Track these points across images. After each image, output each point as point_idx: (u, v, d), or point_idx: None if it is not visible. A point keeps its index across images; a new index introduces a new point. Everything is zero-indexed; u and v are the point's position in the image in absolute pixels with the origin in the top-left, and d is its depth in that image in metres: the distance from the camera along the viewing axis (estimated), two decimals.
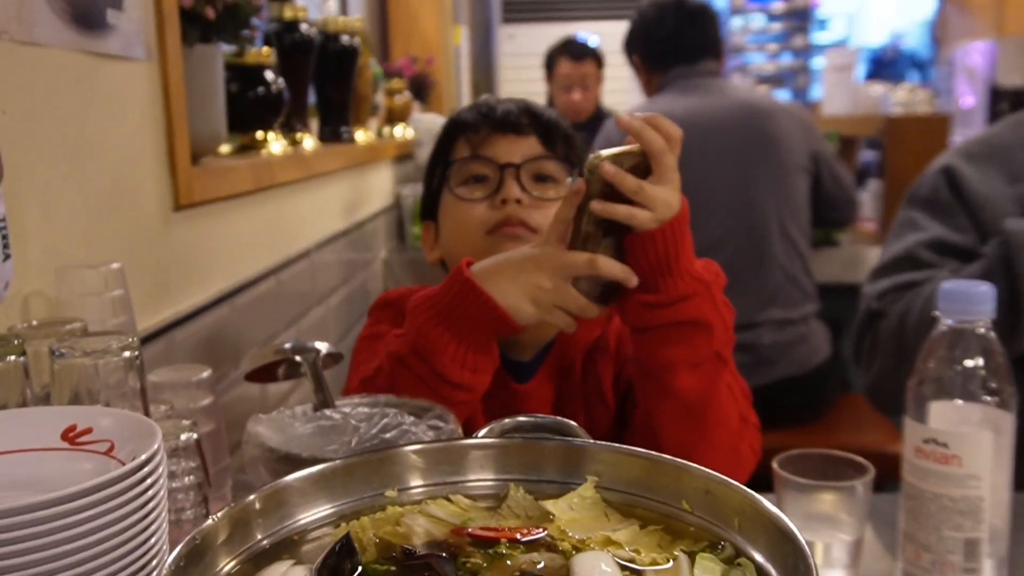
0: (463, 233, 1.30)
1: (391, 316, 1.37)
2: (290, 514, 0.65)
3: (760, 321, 2.32)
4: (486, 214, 1.27)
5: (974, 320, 0.88)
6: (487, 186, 1.29)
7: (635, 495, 0.68)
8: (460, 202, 1.30)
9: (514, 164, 1.28)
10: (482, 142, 1.30)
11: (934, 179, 1.52)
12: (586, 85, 4.01)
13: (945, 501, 0.87)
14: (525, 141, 1.30)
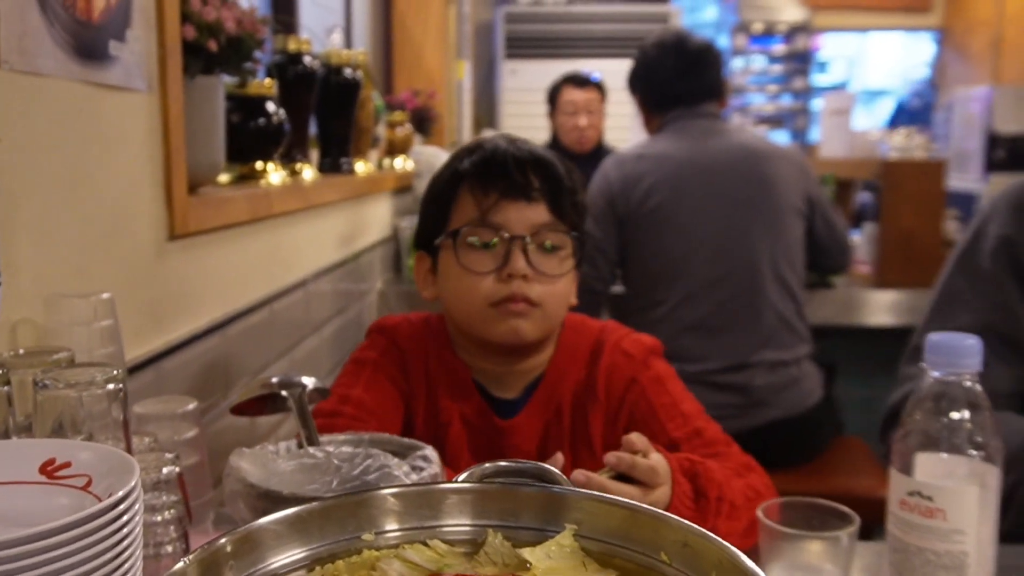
0: (466, 303, 1.31)
1: (383, 344, 1.38)
2: (262, 557, 0.64)
3: (753, 362, 2.32)
4: (491, 288, 1.28)
5: (961, 373, 0.88)
6: (493, 255, 1.29)
7: (614, 545, 0.67)
8: (465, 271, 1.30)
9: (522, 236, 1.28)
10: (491, 207, 1.29)
11: (991, 251, 1.44)
12: (591, 110, 4.02)
13: (929, 555, 0.87)
14: (535, 209, 1.30)
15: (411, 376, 1.36)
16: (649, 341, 1.42)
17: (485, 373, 1.37)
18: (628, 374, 1.36)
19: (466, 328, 1.34)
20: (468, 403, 1.35)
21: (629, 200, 2.42)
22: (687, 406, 1.37)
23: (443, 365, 1.37)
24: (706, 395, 2.33)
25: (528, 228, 1.29)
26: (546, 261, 1.30)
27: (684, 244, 2.37)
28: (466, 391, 1.36)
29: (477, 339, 1.33)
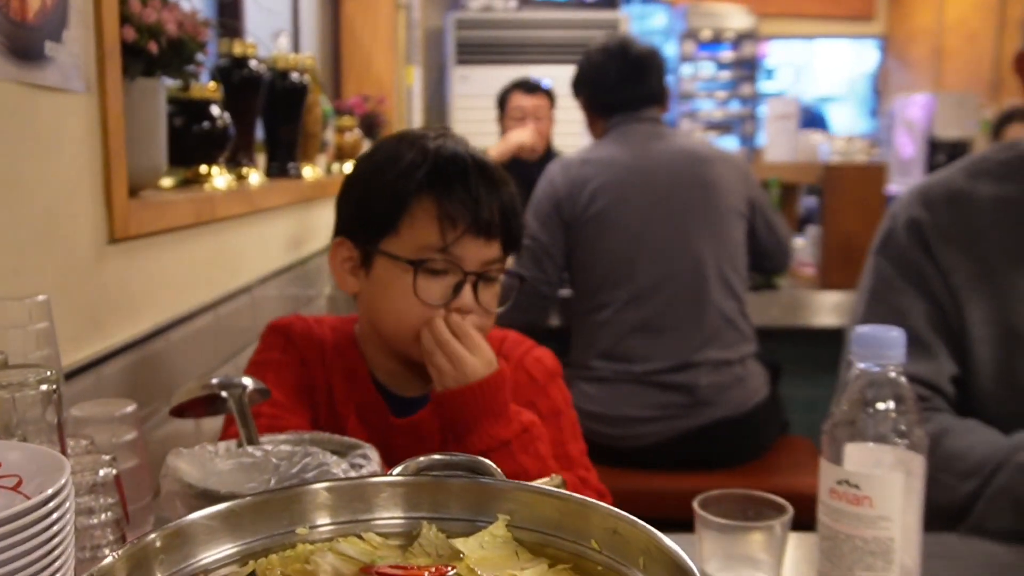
0: (404, 324, 1.32)
1: (281, 344, 1.40)
2: (193, 553, 0.64)
3: (698, 362, 2.35)
4: (433, 314, 1.30)
5: (886, 364, 0.90)
6: (443, 286, 1.30)
7: (546, 534, 0.68)
8: (410, 294, 1.30)
9: (477, 274, 1.31)
10: (456, 241, 1.29)
11: (905, 233, 1.51)
12: (539, 116, 4.03)
13: (858, 542, 0.89)
14: (491, 246, 1.32)
15: (311, 371, 1.38)
16: (550, 363, 1.47)
17: (387, 371, 1.39)
18: (528, 398, 1.40)
19: (391, 341, 1.36)
20: (365, 399, 1.37)
21: (575, 204, 2.45)
22: (573, 448, 1.42)
23: (341, 360, 1.39)
24: (652, 395, 2.38)
25: (482, 265, 1.31)
26: (489, 295, 1.34)
27: (629, 247, 2.40)
28: (363, 387, 1.38)
29: (400, 353, 1.36)
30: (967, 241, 1.46)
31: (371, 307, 1.38)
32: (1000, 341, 1.43)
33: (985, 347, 1.44)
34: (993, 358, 1.43)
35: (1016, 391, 1.42)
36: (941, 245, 1.47)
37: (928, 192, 1.53)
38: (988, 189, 1.46)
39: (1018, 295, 1.42)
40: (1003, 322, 1.42)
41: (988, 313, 1.43)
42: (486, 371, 1.27)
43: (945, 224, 1.48)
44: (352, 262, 1.36)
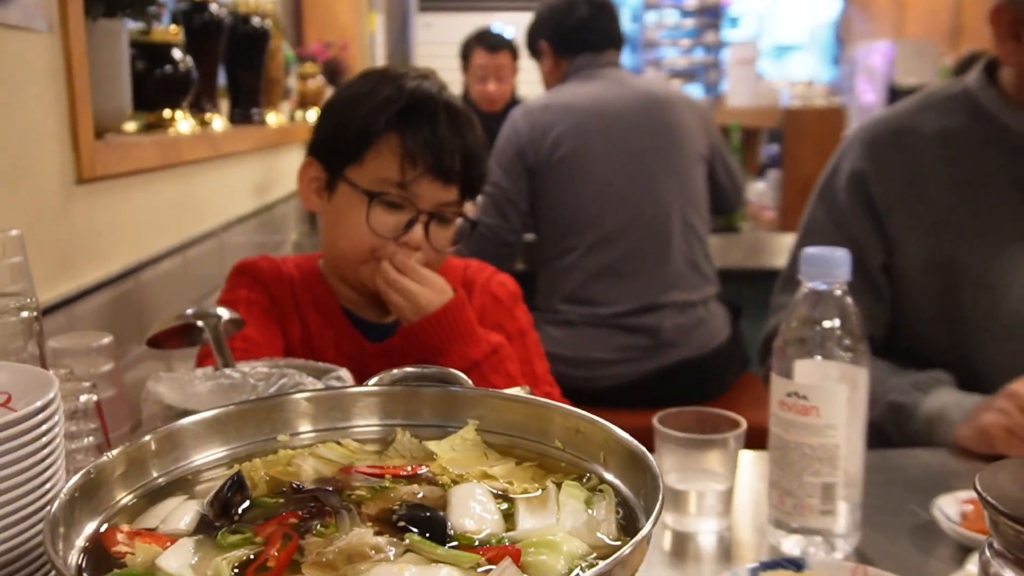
0: (354, 248, 1.36)
1: (247, 283, 1.44)
2: (184, 455, 0.68)
3: (662, 304, 2.40)
4: (383, 244, 1.34)
5: (832, 283, 0.95)
6: (396, 218, 1.34)
7: (513, 436, 0.73)
8: (364, 223, 1.34)
9: (431, 213, 1.35)
10: (415, 180, 1.33)
11: (845, 184, 1.57)
12: (501, 76, 4.05)
13: (805, 449, 0.95)
14: (449, 190, 1.36)
15: (281, 308, 1.42)
16: (512, 286, 1.53)
17: (355, 300, 1.43)
18: (496, 320, 1.46)
19: (343, 266, 1.41)
20: (338, 329, 1.42)
21: (538, 150, 2.47)
22: (538, 366, 1.49)
23: (310, 293, 1.44)
24: (617, 337, 2.43)
25: (437, 206, 1.36)
26: (441, 234, 1.38)
27: (592, 192, 2.43)
28: (335, 318, 1.43)
29: (352, 279, 1.40)
30: (909, 179, 1.51)
31: (329, 230, 1.44)
32: (939, 273, 1.49)
33: (924, 280, 1.50)
34: (932, 291, 1.50)
35: (954, 323, 1.48)
36: (883, 191, 1.52)
37: (874, 133, 1.58)
38: (933, 124, 1.52)
39: (957, 227, 1.48)
40: (942, 253, 1.48)
41: (927, 247, 1.49)
42: (440, 300, 1.32)
43: (888, 166, 1.54)
44: (318, 183, 1.41)
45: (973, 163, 1.48)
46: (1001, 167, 1.46)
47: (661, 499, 0.56)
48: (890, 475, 1.20)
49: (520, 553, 0.55)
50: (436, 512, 0.61)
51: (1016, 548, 0.42)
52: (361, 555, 0.55)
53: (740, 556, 1.01)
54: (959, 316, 1.48)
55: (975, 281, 1.46)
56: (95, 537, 0.59)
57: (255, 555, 0.56)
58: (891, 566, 0.89)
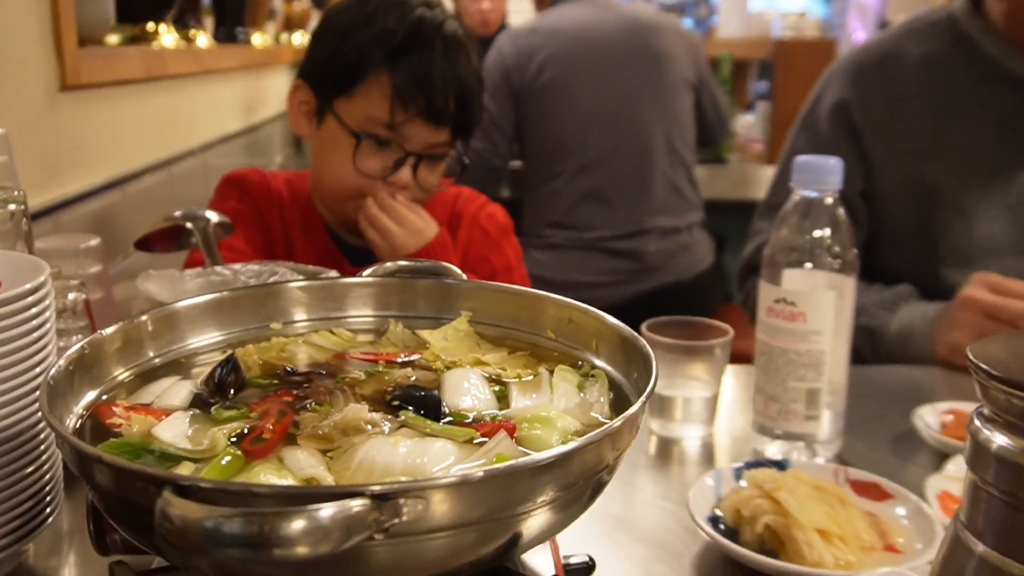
0: (340, 184, 1.34)
1: (236, 194, 1.42)
2: (180, 338, 0.68)
3: (647, 229, 2.41)
4: (368, 182, 1.32)
5: (824, 191, 0.96)
6: (383, 156, 1.32)
7: (505, 327, 0.74)
8: (350, 161, 1.31)
9: (420, 155, 1.32)
10: (404, 122, 1.30)
11: (828, 114, 1.57)
12: None
13: (791, 355, 0.96)
14: (440, 132, 1.32)
15: (268, 223, 1.42)
16: (502, 218, 1.51)
17: (341, 224, 1.43)
18: (483, 252, 1.45)
19: (328, 199, 1.40)
20: (322, 249, 1.41)
21: (524, 74, 2.45)
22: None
23: (298, 211, 1.43)
24: (602, 261, 2.44)
25: (426, 147, 1.33)
26: (430, 174, 1.36)
27: (578, 116, 2.42)
28: (319, 238, 1.42)
29: (337, 212, 1.39)
30: (891, 105, 1.52)
31: (317, 160, 1.42)
32: (916, 197, 1.50)
33: (901, 205, 1.51)
34: (908, 215, 1.51)
35: (928, 248, 1.49)
36: (865, 118, 1.53)
37: (858, 61, 1.58)
38: (916, 49, 1.52)
39: (935, 152, 1.48)
40: (920, 178, 1.49)
41: (906, 172, 1.51)
42: (416, 243, 1.31)
43: (870, 93, 1.54)
44: (308, 107, 1.38)
45: (953, 90, 1.49)
46: (980, 96, 1.47)
47: (654, 377, 0.57)
48: (871, 389, 1.22)
49: (515, 427, 0.56)
50: (431, 391, 0.61)
51: (1006, 411, 0.43)
52: (356, 429, 0.56)
53: (724, 460, 1.03)
54: (933, 241, 1.49)
55: (950, 206, 1.48)
56: (92, 407, 0.59)
57: (250, 428, 0.57)
58: (871, 471, 0.91)
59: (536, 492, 0.47)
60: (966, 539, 0.47)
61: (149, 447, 0.54)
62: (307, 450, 0.54)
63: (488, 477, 0.45)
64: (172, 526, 0.40)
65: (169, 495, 0.41)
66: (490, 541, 0.48)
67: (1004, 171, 1.47)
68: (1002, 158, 1.47)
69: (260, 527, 0.39)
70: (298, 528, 0.39)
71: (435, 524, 0.45)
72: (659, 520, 0.90)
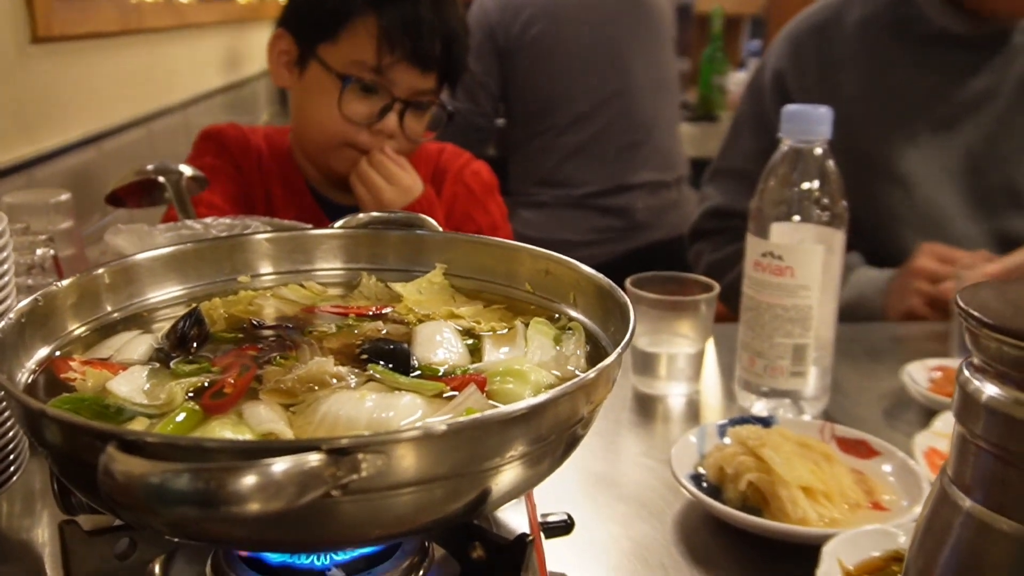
0: (325, 134, 1.32)
1: (214, 149, 1.39)
2: (140, 292, 0.66)
3: (634, 184, 2.38)
4: (354, 131, 1.30)
5: (812, 140, 0.93)
6: (370, 103, 1.29)
7: (481, 280, 0.71)
8: (335, 108, 1.28)
9: (406, 101, 1.29)
10: (391, 65, 1.27)
11: (769, 83, 1.55)
12: None
13: (779, 310, 0.94)
14: (427, 78, 1.30)
15: (247, 178, 1.39)
16: (487, 176, 1.49)
17: (321, 180, 1.40)
18: (467, 210, 1.43)
19: (311, 149, 1.36)
20: (302, 206, 1.38)
21: (508, 31, 2.40)
22: None
23: (277, 167, 1.40)
24: (591, 219, 2.41)
25: (413, 93, 1.30)
26: (416, 122, 1.33)
27: (564, 72, 2.38)
28: (300, 194, 1.39)
29: (320, 163, 1.36)
30: (824, 73, 1.49)
31: (299, 110, 1.38)
32: (852, 167, 1.46)
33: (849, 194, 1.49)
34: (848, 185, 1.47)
35: (872, 216, 1.46)
36: (799, 87, 1.51)
37: (798, 30, 1.56)
38: (856, 12, 1.50)
39: (869, 119, 1.46)
40: (854, 147, 1.45)
41: (840, 141, 1.47)
42: (403, 200, 1.29)
43: (805, 62, 1.51)
44: (288, 56, 1.34)
45: (888, 52, 1.46)
46: (914, 57, 1.44)
47: (631, 328, 0.54)
48: (859, 346, 1.20)
49: (486, 381, 0.54)
50: (400, 344, 0.59)
51: (997, 360, 0.41)
52: (321, 382, 0.54)
53: (709, 418, 1.01)
54: (875, 209, 1.47)
55: (887, 174, 1.46)
56: (46, 362, 0.57)
57: (211, 383, 0.55)
58: (858, 428, 0.89)
59: (505, 446, 0.45)
60: (953, 494, 0.45)
61: (103, 402, 0.52)
62: (269, 405, 0.52)
63: (452, 431, 0.43)
64: (114, 483, 0.38)
65: (113, 450, 0.39)
66: (458, 498, 0.46)
67: (941, 134, 1.44)
68: (938, 121, 1.44)
69: (208, 483, 0.37)
70: (249, 484, 0.37)
71: (398, 480, 0.42)
72: (641, 478, 0.88)
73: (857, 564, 0.68)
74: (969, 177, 1.45)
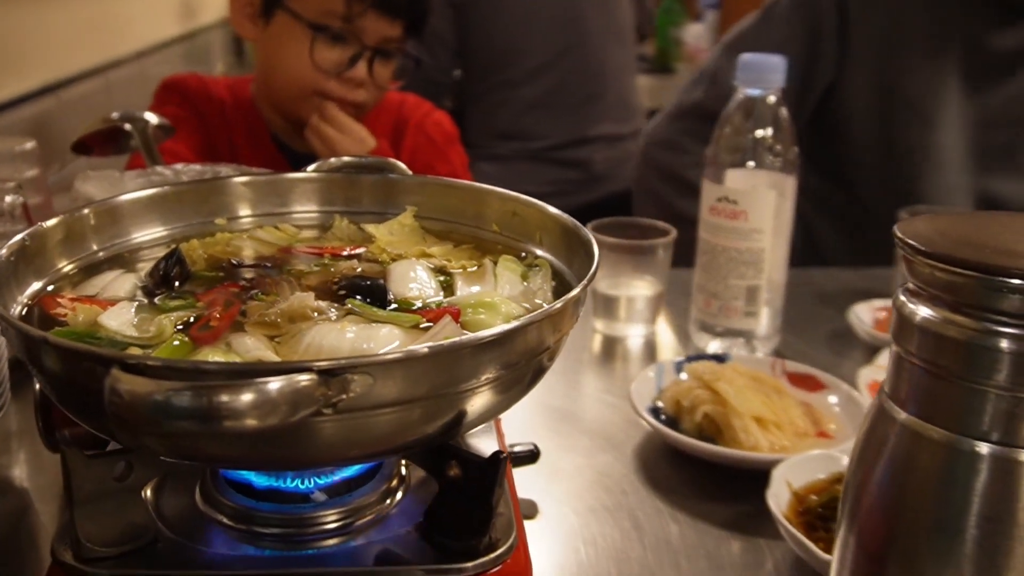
0: (294, 84, 1.33)
1: (176, 99, 1.40)
2: (124, 232, 0.68)
3: (592, 137, 2.41)
4: (323, 79, 1.31)
5: (767, 89, 0.97)
6: (339, 52, 1.30)
7: (451, 222, 0.74)
8: (305, 57, 1.29)
9: (375, 49, 1.30)
10: (359, 14, 1.28)
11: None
12: None
13: (733, 253, 0.98)
14: (394, 25, 1.31)
15: (209, 126, 1.39)
16: (449, 126, 1.51)
17: (286, 129, 1.41)
18: (427, 161, 1.45)
19: (279, 99, 1.37)
20: (267, 156, 1.40)
21: None
22: None
23: (241, 117, 1.41)
24: (549, 171, 2.43)
25: (381, 41, 1.32)
26: (384, 71, 1.34)
27: (520, 24, 2.39)
28: (264, 144, 1.41)
29: (287, 112, 1.37)
30: (884, 8, 1.47)
31: (266, 62, 1.39)
32: (883, 111, 1.49)
33: (866, 117, 1.51)
34: (873, 128, 1.51)
35: (895, 159, 1.50)
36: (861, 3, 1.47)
37: None
38: None
39: (909, 47, 1.46)
40: (889, 91, 1.48)
41: (872, 80, 1.50)
42: (358, 149, 1.31)
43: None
44: (253, 7, 1.35)
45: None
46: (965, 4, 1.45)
47: (596, 262, 0.58)
48: (808, 288, 1.25)
49: (459, 312, 0.57)
50: (376, 280, 0.62)
51: (930, 284, 0.45)
52: (303, 316, 0.57)
53: (666, 357, 1.05)
54: (888, 140, 1.50)
55: (911, 107, 1.47)
56: (37, 297, 0.59)
57: (197, 317, 0.57)
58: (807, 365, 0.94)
59: (479, 370, 0.49)
60: (889, 408, 0.50)
61: (96, 335, 0.54)
62: (254, 336, 0.54)
63: (433, 353, 0.46)
64: (121, 401, 0.40)
65: (117, 372, 0.41)
66: (436, 418, 0.50)
67: (969, 82, 1.46)
68: (970, 69, 1.46)
69: (209, 399, 0.40)
70: (247, 400, 0.40)
71: (382, 400, 0.46)
72: (603, 413, 0.93)
73: (803, 486, 0.74)
74: (980, 130, 1.47)
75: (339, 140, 1.31)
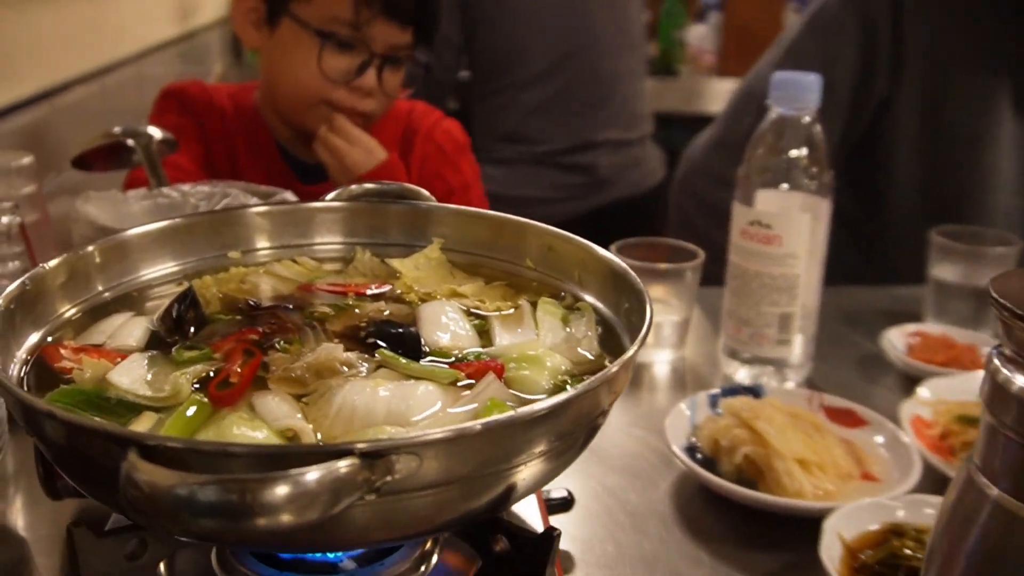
0: (302, 93, 1.27)
1: (175, 107, 1.35)
2: (132, 269, 0.63)
3: (599, 142, 2.36)
4: (331, 88, 1.26)
5: (801, 109, 0.92)
6: (347, 60, 1.25)
7: (480, 255, 0.70)
8: (313, 65, 1.24)
9: (384, 56, 1.26)
10: (367, 21, 1.23)
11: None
12: None
13: (765, 279, 0.94)
14: (404, 32, 1.26)
15: (211, 138, 1.34)
16: (459, 135, 1.45)
17: (290, 137, 1.36)
18: (437, 170, 1.40)
19: (285, 109, 1.32)
20: (271, 166, 1.35)
21: None
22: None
23: (243, 127, 1.35)
24: (554, 176, 2.39)
25: (390, 48, 1.27)
26: (393, 79, 1.29)
27: (527, 26, 2.34)
28: (268, 154, 1.35)
29: (293, 123, 1.32)
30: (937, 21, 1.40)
31: (271, 70, 1.33)
32: (929, 129, 1.42)
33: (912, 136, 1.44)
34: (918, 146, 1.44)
35: (939, 178, 1.44)
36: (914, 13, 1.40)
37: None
38: None
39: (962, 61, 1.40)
40: (936, 109, 1.41)
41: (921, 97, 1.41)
42: (368, 162, 1.26)
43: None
44: (257, 14, 1.29)
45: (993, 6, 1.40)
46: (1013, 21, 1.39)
47: (649, 317, 0.53)
48: (834, 310, 1.21)
49: (503, 368, 0.53)
50: (408, 327, 0.57)
51: None
52: (331, 370, 0.52)
53: (694, 385, 1.01)
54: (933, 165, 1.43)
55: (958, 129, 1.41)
56: (37, 349, 0.54)
57: (215, 371, 0.52)
58: (839, 394, 0.90)
59: (532, 443, 0.44)
60: (980, 482, 0.45)
61: (105, 394, 0.50)
62: (279, 395, 0.50)
63: (487, 430, 0.41)
64: (139, 493, 0.36)
65: (135, 458, 0.37)
66: (483, 495, 0.45)
67: (1019, 101, 1.40)
68: (1019, 87, 1.40)
69: (240, 495, 0.35)
70: (282, 495, 0.36)
71: (427, 481, 0.41)
72: (632, 447, 0.88)
73: (854, 537, 0.69)
74: None
75: (348, 151, 1.26)
